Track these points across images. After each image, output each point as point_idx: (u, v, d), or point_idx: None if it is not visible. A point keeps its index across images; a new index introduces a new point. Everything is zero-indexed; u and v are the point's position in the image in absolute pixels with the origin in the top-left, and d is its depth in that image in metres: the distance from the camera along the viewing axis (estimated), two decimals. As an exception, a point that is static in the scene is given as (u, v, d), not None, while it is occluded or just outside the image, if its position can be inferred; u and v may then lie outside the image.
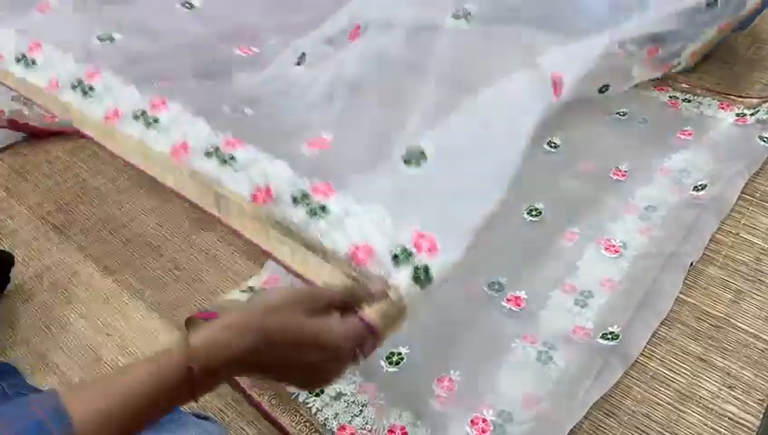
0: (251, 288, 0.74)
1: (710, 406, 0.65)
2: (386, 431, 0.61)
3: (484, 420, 0.62)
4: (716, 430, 0.63)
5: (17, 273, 0.74)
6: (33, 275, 0.76)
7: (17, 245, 0.79)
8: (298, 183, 0.57)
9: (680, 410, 0.65)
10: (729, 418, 0.64)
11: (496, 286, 0.75)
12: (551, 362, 0.67)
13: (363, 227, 0.53)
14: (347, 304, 0.46)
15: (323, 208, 0.55)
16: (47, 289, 0.74)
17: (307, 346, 0.42)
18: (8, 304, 0.72)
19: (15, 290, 0.74)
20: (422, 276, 0.50)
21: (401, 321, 0.49)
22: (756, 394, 0.66)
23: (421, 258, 0.51)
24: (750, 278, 0.78)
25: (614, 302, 0.72)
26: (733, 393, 0.66)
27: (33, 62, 0.74)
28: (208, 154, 0.61)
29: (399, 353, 0.66)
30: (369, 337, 0.46)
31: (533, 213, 0.85)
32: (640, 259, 0.77)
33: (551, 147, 0.95)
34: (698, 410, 0.65)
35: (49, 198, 0.85)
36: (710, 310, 0.74)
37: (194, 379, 0.39)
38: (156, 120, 0.65)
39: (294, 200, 0.56)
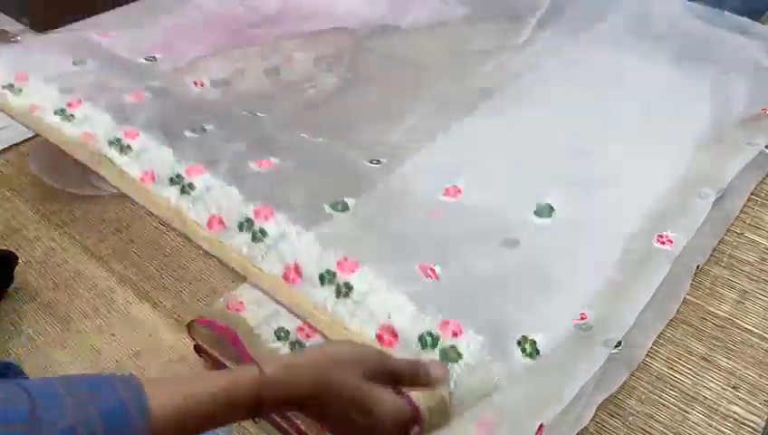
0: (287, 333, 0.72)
1: (714, 406, 0.65)
2: None
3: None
4: (720, 431, 0.63)
5: (21, 272, 0.74)
6: (37, 274, 0.76)
7: (21, 244, 0.79)
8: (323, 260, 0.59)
9: (684, 411, 0.65)
10: (734, 419, 0.64)
11: None
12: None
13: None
14: (402, 378, 0.47)
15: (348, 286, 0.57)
16: (51, 288, 0.74)
17: (356, 408, 0.44)
18: (11, 303, 0.72)
19: (19, 289, 0.74)
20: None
21: (444, 421, 0.50)
22: (761, 395, 0.66)
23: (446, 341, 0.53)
24: (755, 278, 0.78)
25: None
26: (737, 394, 0.66)
27: (72, 117, 0.76)
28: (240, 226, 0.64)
29: None
30: (413, 426, 0.47)
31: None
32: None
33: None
34: (702, 410, 0.65)
35: (53, 198, 0.85)
36: (714, 310, 0.74)
37: (260, 405, 0.41)
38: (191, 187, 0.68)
39: (321, 279, 0.58)
